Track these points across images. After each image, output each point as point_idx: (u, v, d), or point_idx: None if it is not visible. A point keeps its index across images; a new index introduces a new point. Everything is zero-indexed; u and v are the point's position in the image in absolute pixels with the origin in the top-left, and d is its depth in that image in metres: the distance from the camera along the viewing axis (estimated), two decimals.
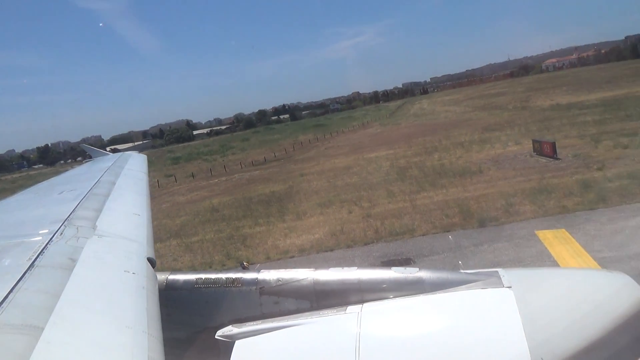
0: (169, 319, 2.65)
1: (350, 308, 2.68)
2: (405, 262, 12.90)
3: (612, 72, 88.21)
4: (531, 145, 25.28)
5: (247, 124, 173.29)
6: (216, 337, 2.74)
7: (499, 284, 2.56)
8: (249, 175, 38.86)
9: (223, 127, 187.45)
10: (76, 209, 3.67)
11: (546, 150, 23.15)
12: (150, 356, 1.77)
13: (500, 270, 2.70)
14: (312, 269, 3.00)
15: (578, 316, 2.27)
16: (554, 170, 20.22)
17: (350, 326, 2.52)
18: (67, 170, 9.09)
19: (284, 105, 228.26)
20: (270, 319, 2.79)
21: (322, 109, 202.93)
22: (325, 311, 2.74)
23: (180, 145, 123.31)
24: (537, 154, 23.96)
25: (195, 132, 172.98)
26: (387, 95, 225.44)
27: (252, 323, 2.77)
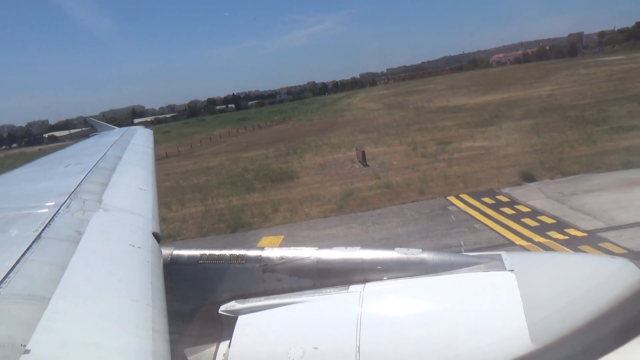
0: (173, 293, 2.68)
1: (352, 287, 2.72)
2: None
3: (529, 72, 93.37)
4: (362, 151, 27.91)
5: (191, 112, 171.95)
6: (219, 312, 2.80)
7: (501, 267, 2.59)
8: None
9: (168, 116, 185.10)
10: (82, 183, 3.67)
11: (361, 157, 25.72)
12: (154, 328, 1.80)
13: (503, 253, 2.74)
14: (316, 248, 3.04)
15: (577, 299, 2.31)
16: (349, 178, 22.72)
17: (352, 305, 2.56)
18: None
19: (233, 94, 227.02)
20: (273, 296, 2.85)
21: (271, 99, 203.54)
22: (328, 290, 2.77)
23: None
24: (358, 161, 26.53)
25: (137, 120, 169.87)
26: (338, 86, 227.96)
27: (255, 299, 2.83)
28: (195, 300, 3.03)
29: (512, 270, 2.52)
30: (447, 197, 16.89)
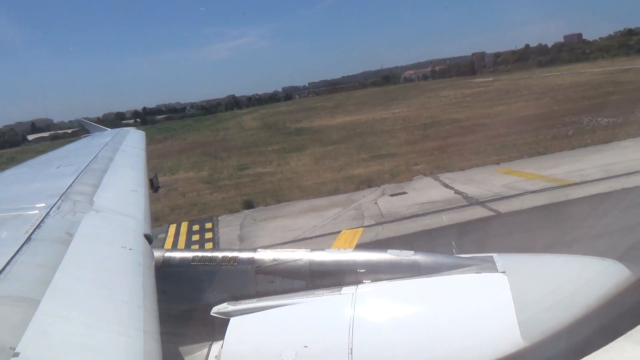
0: (166, 295, 2.66)
1: (345, 289, 2.76)
2: None
3: (409, 91, 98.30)
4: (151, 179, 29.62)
5: None
6: (211, 313, 2.83)
7: (493, 268, 2.64)
8: None
9: (69, 131, 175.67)
10: (73, 184, 3.67)
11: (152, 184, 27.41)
12: (145, 330, 1.79)
13: (495, 255, 2.77)
14: (308, 250, 3.07)
15: (567, 298, 2.36)
16: None
17: (345, 306, 2.59)
18: None
19: (144, 108, 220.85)
20: (265, 298, 2.87)
21: (182, 113, 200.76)
22: (320, 291, 2.80)
23: (5, 150, 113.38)
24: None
25: (32, 137, 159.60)
26: (251, 101, 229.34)
27: (247, 301, 2.85)
28: (187, 302, 3.06)
29: (503, 272, 2.58)
30: (171, 225, 18.93)
